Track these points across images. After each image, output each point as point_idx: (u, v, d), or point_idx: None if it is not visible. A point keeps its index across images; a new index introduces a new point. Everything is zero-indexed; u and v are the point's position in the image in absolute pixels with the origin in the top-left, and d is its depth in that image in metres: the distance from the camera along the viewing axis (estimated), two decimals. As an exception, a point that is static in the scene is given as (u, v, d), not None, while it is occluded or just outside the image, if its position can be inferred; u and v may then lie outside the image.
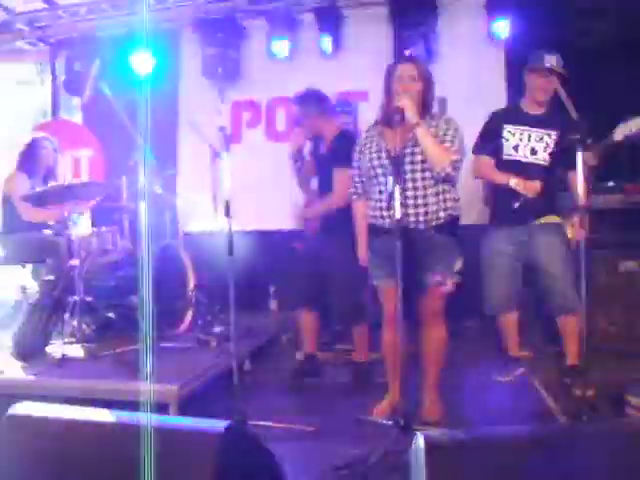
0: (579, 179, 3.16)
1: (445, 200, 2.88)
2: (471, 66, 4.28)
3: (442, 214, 2.87)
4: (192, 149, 5.24)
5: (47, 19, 5.94)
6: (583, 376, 2.81)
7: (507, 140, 3.50)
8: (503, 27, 4.85)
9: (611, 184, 4.14)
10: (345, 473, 2.36)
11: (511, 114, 3.57)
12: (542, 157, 3.43)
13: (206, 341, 3.88)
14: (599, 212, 4.07)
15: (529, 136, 3.46)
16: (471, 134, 3.64)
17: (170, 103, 5.53)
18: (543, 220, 3.43)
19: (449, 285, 2.86)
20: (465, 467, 1.50)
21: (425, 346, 3.01)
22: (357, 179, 3.08)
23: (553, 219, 3.46)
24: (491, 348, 3.92)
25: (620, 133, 3.22)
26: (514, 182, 3.36)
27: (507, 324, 3.69)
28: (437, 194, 2.85)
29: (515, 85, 3.83)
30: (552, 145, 3.41)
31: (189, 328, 4.23)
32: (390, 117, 2.76)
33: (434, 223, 2.85)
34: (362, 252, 3.12)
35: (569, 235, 3.45)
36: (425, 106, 2.86)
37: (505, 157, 3.50)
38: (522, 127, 3.48)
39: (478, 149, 3.60)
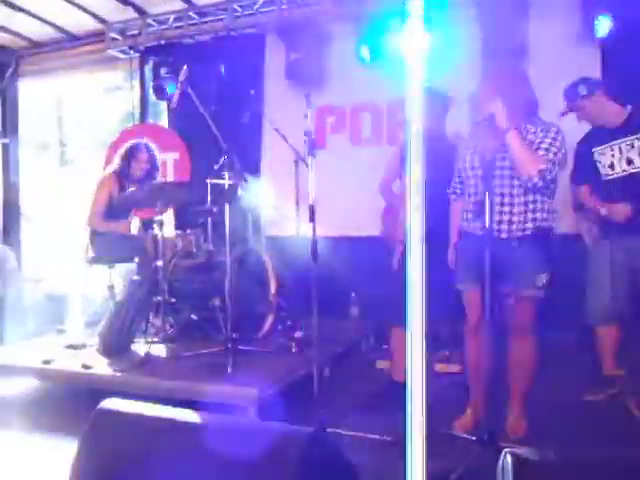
0: None
1: (534, 211, 2.80)
2: (565, 66, 4.13)
3: (529, 225, 2.79)
4: (277, 154, 5.33)
5: (138, 28, 6.22)
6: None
7: (600, 162, 3.46)
8: (600, 25, 4.66)
9: None
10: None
11: (594, 137, 3.53)
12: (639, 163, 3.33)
13: (286, 346, 3.93)
14: None
15: (620, 149, 3.39)
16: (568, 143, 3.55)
17: (255, 108, 5.66)
18: None
19: (530, 297, 2.78)
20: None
21: (511, 360, 2.94)
22: (457, 179, 3.06)
23: None
24: (585, 364, 3.78)
25: None
26: (603, 212, 3.41)
27: (607, 339, 3.55)
28: (525, 204, 2.79)
29: (612, 85, 3.67)
30: None
31: (269, 332, 4.30)
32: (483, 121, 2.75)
33: (519, 234, 2.79)
34: (451, 254, 3.11)
35: None
36: (523, 111, 2.81)
37: (605, 179, 3.45)
38: (610, 143, 3.42)
39: (574, 178, 3.62)
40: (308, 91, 3.07)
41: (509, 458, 1.50)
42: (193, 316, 4.13)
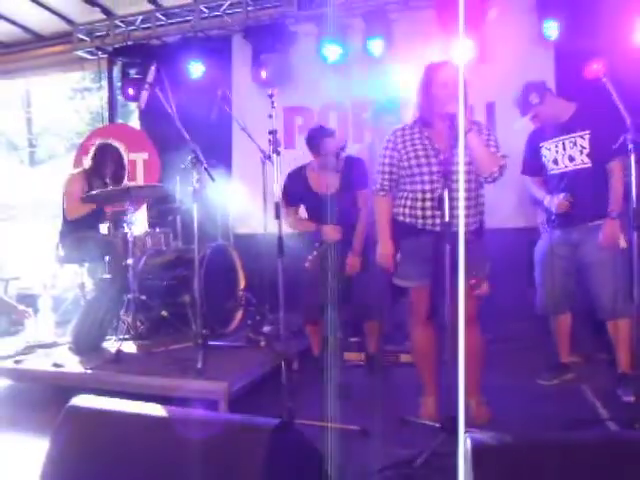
0: (613, 185, 3.27)
1: (481, 204, 2.92)
2: (520, 68, 4.20)
3: (478, 218, 2.89)
4: (245, 153, 5.30)
5: (105, 29, 6.13)
6: (634, 384, 2.73)
7: (546, 157, 3.56)
8: (553, 28, 4.75)
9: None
10: (390, 474, 2.36)
11: (543, 131, 3.61)
12: (581, 160, 3.41)
13: (255, 340, 3.92)
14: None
15: (563, 145, 3.47)
16: (516, 140, 3.61)
17: (224, 108, 5.62)
18: (595, 222, 3.36)
19: (486, 288, 2.84)
20: (512, 470, 1.49)
21: (465, 349, 2.96)
22: (387, 177, 3.00)
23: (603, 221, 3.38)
24: (541, 352, 3.85)
25: None
26: (546, 201, 3.54)
27: (559, 327, 3.65)
28: (476, 198, 2.88)
29: (565, 87, 3.75)
30: (587, 145, 3.38)
31: (239, 327, 4.29)
32: (433, 122, 2.80)
33: (472, 228, 2.86)
34: (386, 249, 3.00)
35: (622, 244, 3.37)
36: (467, 111, 2.88)
37: (550, 173, 3.57)
38: (555, 140, 3.51)
39: (524, 170, 3.75)
40: (272, 91, 3.06)
41: (468, 442, 1.52)
42: (164, 313, 4.09)
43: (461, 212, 2.65)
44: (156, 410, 1.84)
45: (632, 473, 1.50)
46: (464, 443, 1.53)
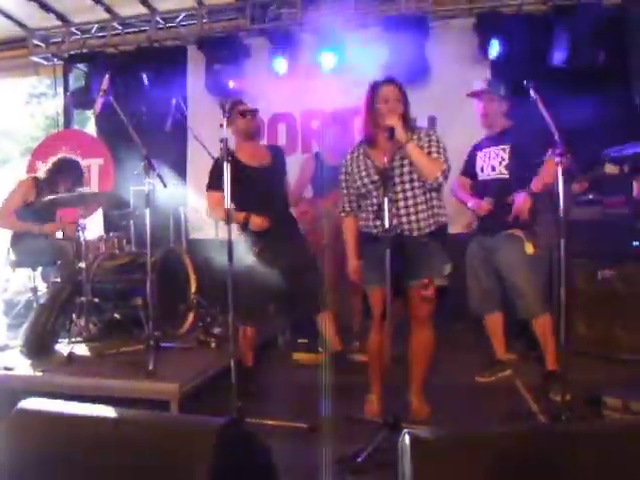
0: (520, 198, 3.40)
1: (433, 207, 2.94)
2: (460, 85, 4.29)
3: (432, 221, 2.92)
4: (199, 160, 5.22)
5: (61, 36, 5.97)
6: (561, 381, 2.81)
7: (477, 164, 3.71)
8: (490, 47, 4.88)
9: (591, 197, 4.15)
10: (337, 469, 2.36)
11: (481, 142, 3.76)
12: (499, 171, 3.55)
13: (206, 342, 3.88)
14: (579, 223, 4.10)
15: (489, 155, 3.63)
16: (457, 150, 3.68)
17: (179, 117, 5.55)
18: (508, 231, 3.49)
19: (432, 291, 2.87)
20: (448, 464, 1.50)
21: (413, 348, 3.02)
22: (346, 199, 3.11)
23: (516, 231, 3.50)
24: (479, 351, 3.92)
25: (611, 167, 3.41)
26: (470, 205, 3.67)
27: (491, 326, 3.74)
28: (426, 202, 2.91)
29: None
30: (507, 157, 3.52)
31: (190, 329, 4.23)
32: (376, 135, 2.86)
33: (426, 230, 2.90)
34: (353, 264, 3.11)
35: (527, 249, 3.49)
36: (408, 123, 2.90)
37: (478, 179, 3.71)
38: (485, 150, 3.67)
39: (461, 172, 3.84)
40: (224, 101, 3.04)
41: (407, 438, 1.53)
42: (116, 315, 4.00)
43: (383, 215, 2.65)
44: (105, 412, 1.79)
45: (559, 461, 1.54)
46: (403, 438, 1.54)
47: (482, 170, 3.66)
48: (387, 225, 2.54)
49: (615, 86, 4.63)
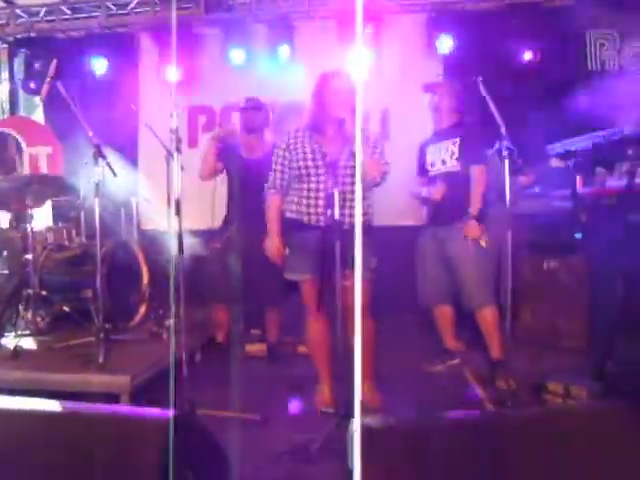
0: (474, 188, 3.46)
1: (366, 204, 2.96)
2: (412, 79, 4.33)
3: (364, 217, 2.93)
4: (151, 149, 5.13)
5: (6, 18, 5.74)
6: (505, 369, 2.89)
7: (427, 160, 3.74)
8: (443, 43, 4.95)
9: (537, 190, 4.27)
10: (288, 459, 2.36)
11: (429, 138, 3.80)
12: (451, 164, 3.60)
13: (158, 334, 3.82)
14: (525, 216, 4.22)
15: (439, 149, 3.67)
16: (409, 144, 3.72)
17: (131, 105, 5.44)
18: (460, 222, 3.53)
19: (367, 282, 2.84)
20: (397, 450, 1.53)
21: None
22: (279, 176, 3.03)
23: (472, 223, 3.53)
24: (428, 340, 3.99)
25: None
26: (423, 192, 3.72)
27: (441, 317, 3.79)
28: (362, 198, 2.90)
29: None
30: (457, 151, 3.58)
31: (142, 321, 4.16)
32: (324, 125, 2.84)
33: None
34: (275, 242, 3.03)
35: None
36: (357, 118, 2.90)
37: (430, 174, 3.74)
38: (435, 145, 3.71)
39: (417, 172, 3.88)
40: (175, 90, 2.99)
41: (356, 426, 1.54)
42: (65, 308, 3.89)
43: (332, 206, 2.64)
44: (53, 406, 1.75)
45: (504, 446, 1.58)
46: (352, 426, 1.56)
47: (432, 165, 3.70)
48: (337, 216, 2.52)
49: (562, 82, 4.76)
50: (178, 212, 2.73)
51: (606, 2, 4.99)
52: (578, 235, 3.80)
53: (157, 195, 4.58)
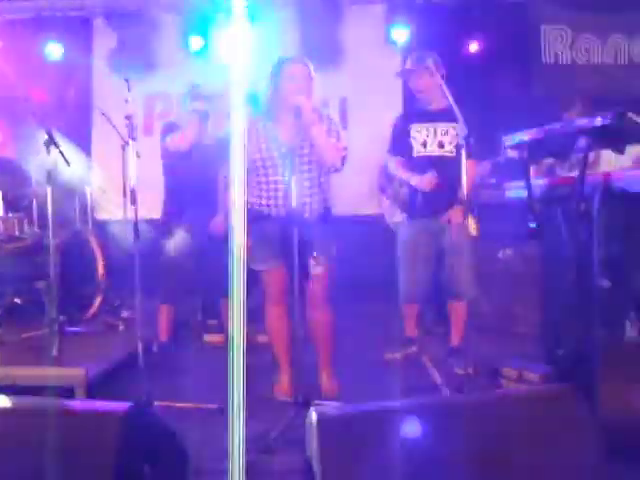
0: (464, 179, 3.21)
1: (325, 191, 2.95)
2: (370, 69, 4.35)
3: (322, 204, 2.93)
4: (105, 137, 5.01)
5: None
6: (463, 356, 2.94)
7: (415, 139, 3.51)
8: (401, 34, 4.98)
9: (493, 180, 4.35)
10: (247, 449, 2.35)
11: (415, 113, 3.58)
12: (449, 149, 3.44)
13: (114, 325, 3.76)
14: (482, 206, 4.28)
15: (435, 131, 3.47)
16: (367, 133, 3.72)
17: (83, 90, 5.30)
18: (451, 212, 3.44)
19: (326, 270, 2.86)
20: (353, 437, 1.54)
21: (314, 328, 3.03)
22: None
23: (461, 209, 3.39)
24: (388, 327, 4.03)
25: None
26: (413, 181, 3.47)
27: (411, 311, 3.75)
28: (320, 185, 2.91)
29: (409, 89, 3.91)
30: (456, 137, 3.33)
31: (97, 313, 4.08)
32: (280, 112, 2.80)
33: (317, 213, 2.90)
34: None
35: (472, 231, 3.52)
36: (314, 104, 2.86)
37: (416, 154, 3.51)
38: (428, 123, 3.48)
39: (390, 150, 3.65)
40: (129, 76, 2.91)
41: (314, 414, 1.55)
42: (17, 300, 3.79)
43: (289, 194, 2.65)
44: (3, 401, 1.71)
45: (458, 430, 1.61)
46: (310, 415, 1.56)
47: (425, 145, 3.47)
48: (294, 205, 2.52)
49: (517, 74, 4.85)
50: (134, 201, 2.68)
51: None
52: (532, 224, 3.88)
53: (112, 184, 4.49)
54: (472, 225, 3.33)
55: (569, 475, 1.56)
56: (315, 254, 2.83)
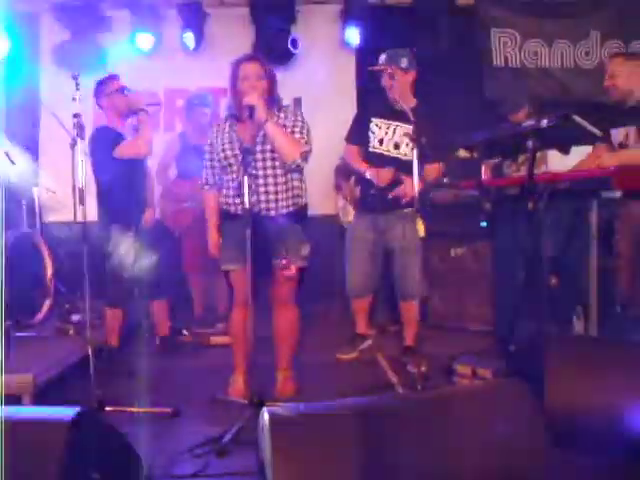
0: (415, 180, 3.26)
1: (293, 188, 2.92)
2: (325, 69, 4.36)
3: (291, 202, 2.90)
4: (54, 137, 4.85)
5: None
6: (417, 354, 2.98)
7: (374, 133, 3.53)
8: (355, 35, 5.01)
9: (446, 180, 4.41)
10: (200, 452, 2.33)
11: (380, 107, 3.56)
12: (404, 152, 3.46)
13: (64, 329, 3.66)
14: (435, 205, 4.36)
15: (394, 130, 3.49)
16: (322, 133, 3.72)
17: (31, 88, 5.14)
18: (402, 211, 3.46)
19: (294, 270, 2.87)
20: (306, 437, 1.54)
21: (277, 328, 3.04)
22: (210, 172, 3.02)
23: (411, 211, 3.39)
24: (343, 327, 4.04)
25: (463, 152, 3.52)
26: (368, 174, 3.48)
27: (359, 306, 3.79)
28: (286, 183, 2.88)
29: (363, 90, 3.94)
30: (414, 141, 3.36)
31: (46, 317, 3.96)
32: (240, 113, 2.79)
33: (284, 211, 2.88)
34: (213, 238, 3.04)
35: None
36: (272, 101, 2.87)
37: (371, 149, 3.54)
38: (389, 121, 3.50)
39: (348, 138, 3.65)
40: (77, 73, 2.83)
41: (265, 415, 1.54)
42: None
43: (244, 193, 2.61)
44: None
45: (415, 427, 1.63)
46: (262, 416, 1.55)
47: (381, 142, 3.51)
48: (247, 204, 2.51)
49: (469, 76, 4.95)
50: (82, 201, 2.61)
51: (506, 4, 5.26)
52: (483, 223, 3.96)
53: (62, 185, 4.37)
54: (421, 227, 3.41)
55: (518, 466, 1.59)
56: (280, 254, 2.83)
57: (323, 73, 3.90)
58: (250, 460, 2.11)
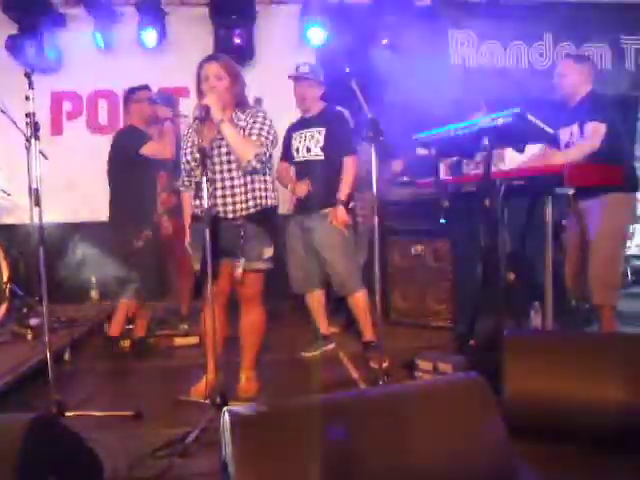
0: (344, 177, 3.55)
1: (254, 190, 2.85)
2: (285, 69, 4.33)
3: (251, 204, 2.83)
4: (6, 138, 4.73)
5: None
6: (378, 350, 2.99)
7: (293, 146, 3.75)
8: (315, 34, 5.01)
9: (405, 179, 4.45)
10: (163, 454, 2.30)
11: (296, 124, 3.80)
12: (315, 152, 3.62)
13: (22, 334, 3.56)
14: (395, 203, 4.40)
15: (304, 137, 3.69)
16: (282, 133, 3.72)
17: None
18: (325, 210, 3.58)
19: (240, 273, 2.83)
20: (267, 437, 1.52)
21: (240, 328, 3.02)
22: (185, 173, 3.01)
23: (330, 211, 3.58)
24: (305, 327, 4.04)
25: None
26: (289, 188, 3.72)
27: (313, 304, 3.82)
28: (245, 185, 2.82)
29: (326, 87, 3.93)
30: (322, 140, 3.61)
31: (4, 321, 3.85)
32: (202, 114, 2.74)
33: (244, 213, 2.82)
34: (187, 239, 3.05)
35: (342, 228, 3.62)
36: (234, 102, 2.84)
37: (294, 160, 3.75)
38: (300, 131, 3.72)
39: (281, 157, 3.85)
40: (29, 71, 2.75)
41: (226, 415, 1.52)
42: None
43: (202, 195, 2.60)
44: None
45: (377, 422, 1.63)
46: (223, 416, 1.54)
47: (297, 151, 3.70)
48: (205, 205, 2.50)
49: (428, 76, 4.99)
50: (38, 203, 2.54)
51: (463, 6, 5.35)
52: (442, 220, 4.01)
53: (17, 186, 4.25)
54: (342, 222, 3.52)
55: (476, 459, 1.61)
56: (234, 256, 2.80)
57: (284, 73, 3.87)
58: (213, 461, 2.11)
